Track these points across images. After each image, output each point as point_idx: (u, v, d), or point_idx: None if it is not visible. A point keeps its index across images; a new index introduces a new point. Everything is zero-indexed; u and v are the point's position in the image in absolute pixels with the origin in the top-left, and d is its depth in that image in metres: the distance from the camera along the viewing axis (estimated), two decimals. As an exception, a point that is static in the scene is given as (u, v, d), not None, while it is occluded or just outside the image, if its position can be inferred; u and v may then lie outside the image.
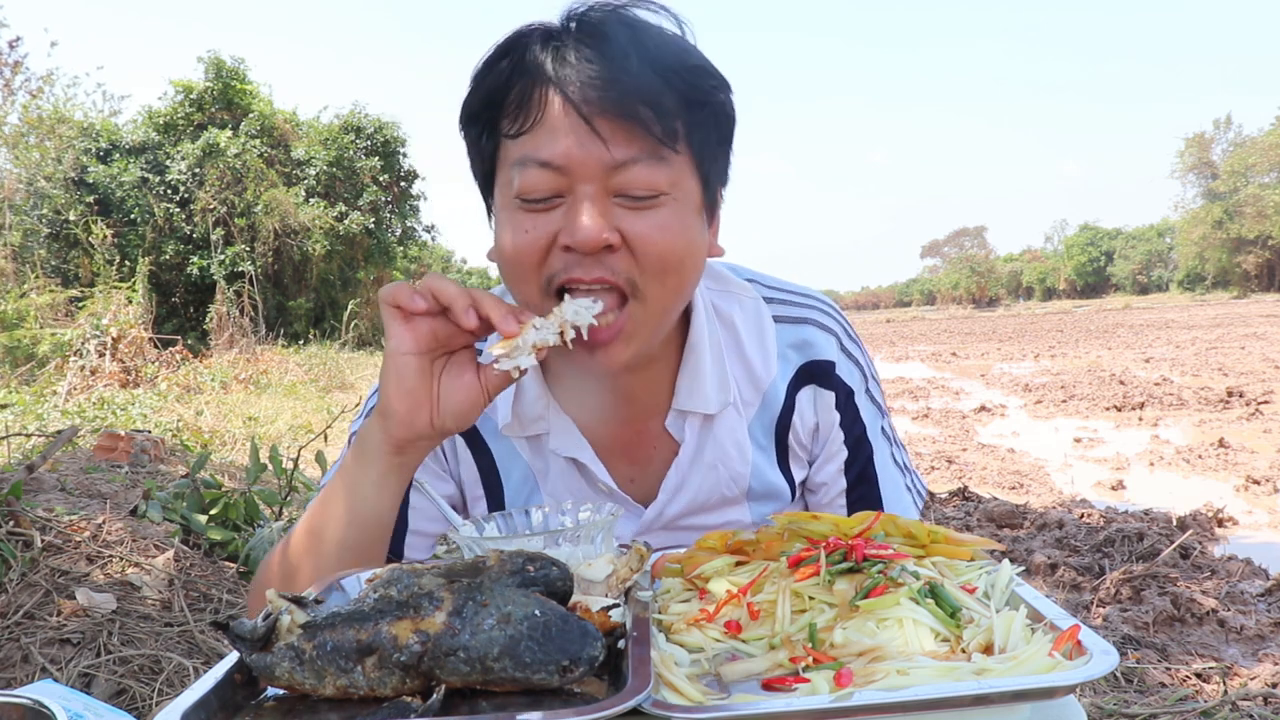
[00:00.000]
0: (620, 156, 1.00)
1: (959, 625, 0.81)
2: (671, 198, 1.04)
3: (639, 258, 1.04)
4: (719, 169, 1.11)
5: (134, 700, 2.14)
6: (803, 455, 1.31)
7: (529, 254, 1.05)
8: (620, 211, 1.03)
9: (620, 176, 1.01)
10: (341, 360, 14.08)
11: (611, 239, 1.02)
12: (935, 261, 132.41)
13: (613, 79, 0.98)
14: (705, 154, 1.07)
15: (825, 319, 1.29)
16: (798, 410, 1.27)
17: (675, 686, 0.73)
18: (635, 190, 1.02)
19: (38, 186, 16.38)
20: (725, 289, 1.28)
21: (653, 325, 1.09)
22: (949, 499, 4.94)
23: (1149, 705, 2.40)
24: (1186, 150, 68.05)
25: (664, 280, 1.06)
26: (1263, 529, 4.36)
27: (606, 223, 1.01)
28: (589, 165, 1.00)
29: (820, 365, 1.26)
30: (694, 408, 1.23)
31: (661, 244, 1.04)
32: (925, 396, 10.56)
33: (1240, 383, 9.49)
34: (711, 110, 1.06)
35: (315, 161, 19.75)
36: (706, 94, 1.05)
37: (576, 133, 1.00)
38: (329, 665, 0.73)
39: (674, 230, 1.05)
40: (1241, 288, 63.26)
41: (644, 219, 1.03)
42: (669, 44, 1.05)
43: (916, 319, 62.08)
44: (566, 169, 1.01)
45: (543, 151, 1.01)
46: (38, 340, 10.19)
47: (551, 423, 1.24)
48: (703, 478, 1.26)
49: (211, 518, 3.16)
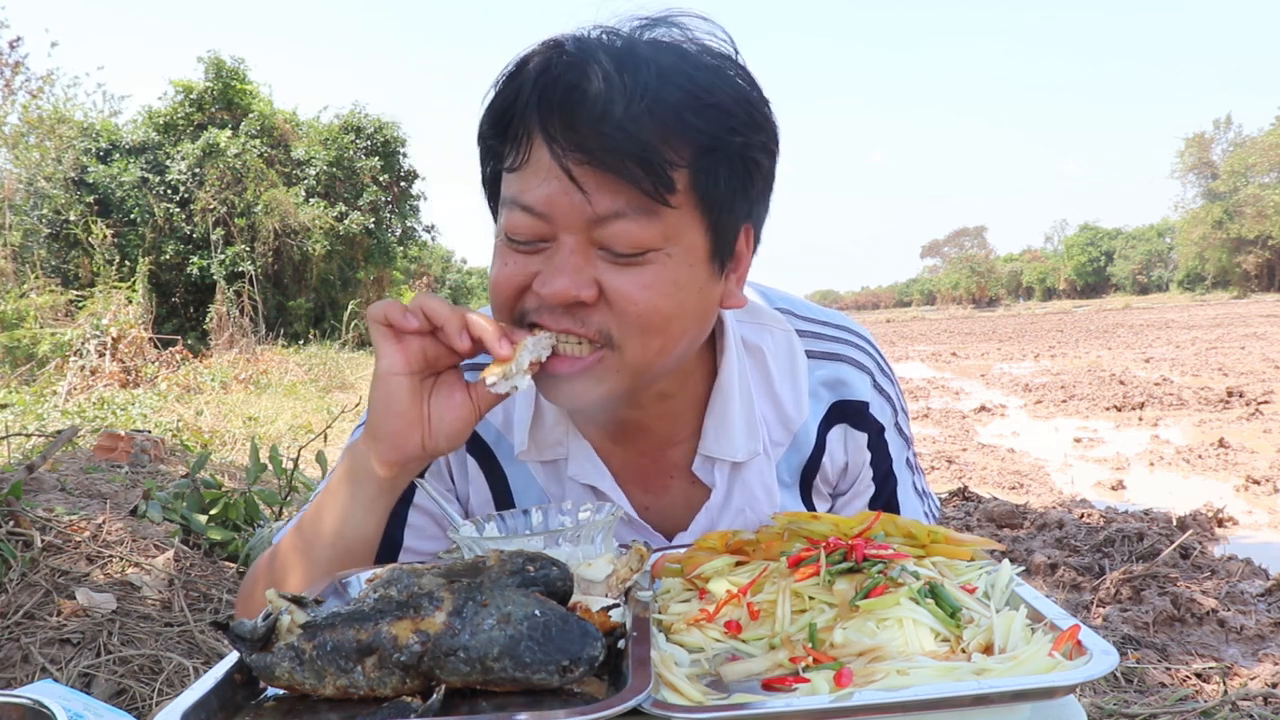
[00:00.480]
0: (603, 210, 0.94)
1: (959, 625, 0.81)
2: (664, 253, 0.97)
3: (617, 314, 0.98)
4: (737, 215, 1.02)
5: (134, 700, 2.14)
6: (825, 490, 1.28)
7: (505, 291, 1.02)
8: (603, 265, 0.97)
9: (604, 230, 0.95)
10: (341, 360, 14.08)
11: (584, 295, 0.96)
12: (935, 261, 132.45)
13: (597, 129, 0.90)
14: (716, 201, 0.98)
15: (859, 355, 1.24)
16: (828, 451, 1.24)
17: (675, 686, 0.73)
18: (618, 247, 0.95)
19: (38, 186, 16.38)
20: (756, 321, 1.23)
21: (629, 377, 1.02)
22: (949, 499, 4.94)
23: (1149, 705, 2.40)
24: (1186, 150, 68.06)
25: (645, 339, 1.00)
26: (1263, 529, 4.37)
27: (582, 279, 0.96)
28: (571, 216, 0.95)
29: (853, 405, 1.22)
30: (722, 455, 1.18)
31: (642, 303, 0.97)
32: (925, 396, 10.56)
33: (1240, 383, 9.49)
34: (729, 154, 0.96)
35: (315, 161, 19.75)
36: (722, 136, 0.95)
37: (559, 180, 0.94)
38: (329, 665, 0.73)
39: (660, 289, 0.97)
40: (1241, 288, 63.26)
41: (627, 276, 0.97)
42: (685, 79, 0.94)
43: (916, 319, 62.09)
44: (549, 217, 0.96)
45: (527, 195, 0.96)
46: (38, 340, 10.19)
47: (570, 448, 1.20)
48: (730, 521, 1.23)
49: (211, 518, 3.17)
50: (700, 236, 0.99)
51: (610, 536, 1.04)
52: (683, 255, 0.98)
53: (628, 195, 0.93)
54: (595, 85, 0.91)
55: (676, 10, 1.00)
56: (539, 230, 0.97)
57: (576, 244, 0.96)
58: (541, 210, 0.96)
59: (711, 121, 0.94)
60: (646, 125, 0.91)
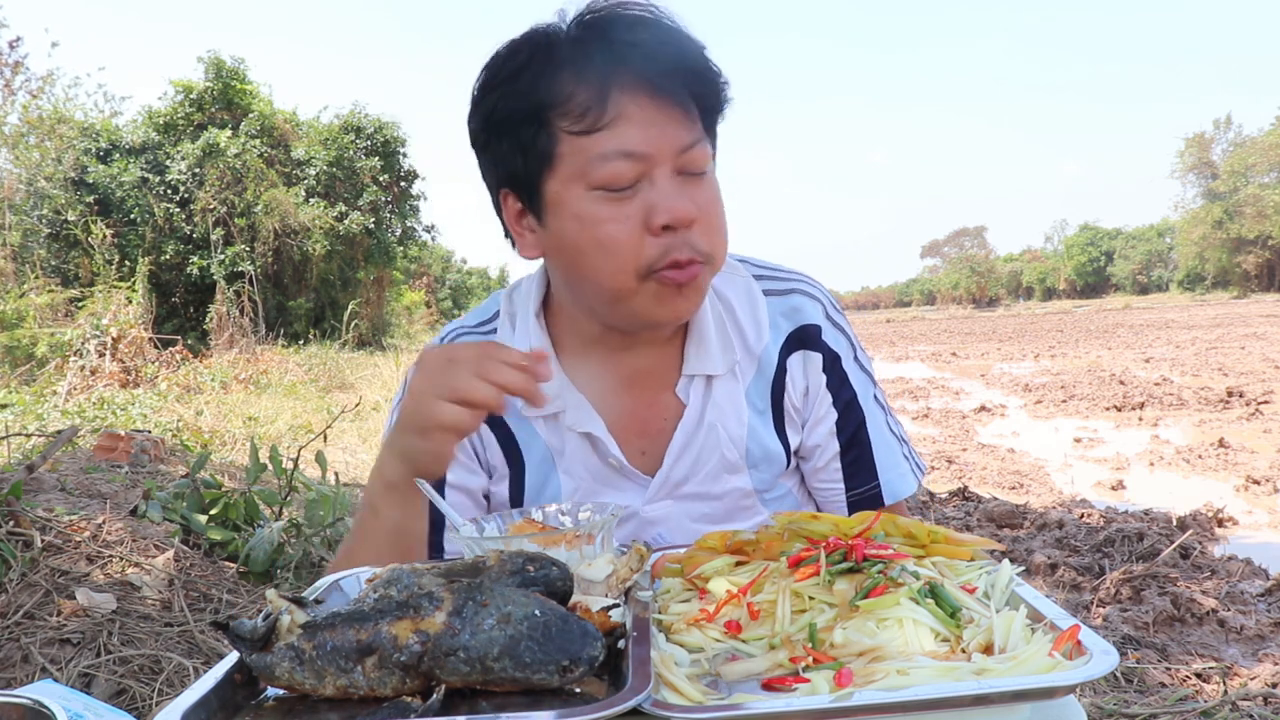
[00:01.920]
0: (688, 139, 1.11)
1: (959, 625, 0.81)
2: (711, 170, 1.16)
3: (706, 231, 1.13)
4: (715, 136, 1.22)
5: (134, 700, 2.14)
6: (797, 419, 1.35)
7: (625, 243, 1.11)
8: (688, 188, 1.12)
9: (685, 156, 1.11)
10: (341, 360, 14.07)
11: (696, 213, 1.11)
12: (935, 261, 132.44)
13: (674, 71, 1.08)
14: (714, 125, 1.18)
15: (811, 289, 1.36)
16: (789, 375, 1.32)
17: (675, 686, 0.73)
18: (695, 167, 1.12)
19: (38, 186, 16.37)
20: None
21: (709, 282, 1.20)
22: (949, 499, 4.94)
23: (1149, 705, 2.40)
24: (1186, 150, 68.03)
25: (720, 244, 1.17)
26: (1263, 529, 4.37)
27: (688, 199, 1.11)
28: (667, 150, 1.10)
29: (807, 330, 1.32)
30: (701, 370, 1.29)
31: (718, 212, 1.16)
32: (925, 396, 10.57)
33: (1240, 383, 9.49)
34: (719, 91, 1.16)
35: (315, 161, 19.74)
36: (716, 76, 1.15)
37: (656, 122, 1.09)
38: (329, 665, 0.73)
39: (719, 200, 1.17)
40: (1241, 288, 63.24)
41: (703, 191, 1.14)
42: (682, 33, 1.12)
43: (916, 319, 62.09)
44: (648, 156, 1.09)
45: (625, 143, 1.08)
46: (37, 340, 10.19)
47: (567, 400, 1.29)
48: (705, 438, 1.30)
49: (211, 518, 3.16)
50: (710, 154, 1.17)
51: (610, 536, 1.04)
52: (713, 170, 1.18)
53: (697, 126, 1.12)
54: (660, 30, 1.09)
55: None
56: (637, 171, 1.10)
57: (669, 171, 1.11)
58: (644, 151, 1.09)
59: (710, 64, 1.14)
60: (706, 65, 1.12)
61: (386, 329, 21.93)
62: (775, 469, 1.34)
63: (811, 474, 1.38)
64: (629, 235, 1.10)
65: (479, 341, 1.34)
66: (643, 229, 1.10)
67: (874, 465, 1.34)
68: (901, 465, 1.37)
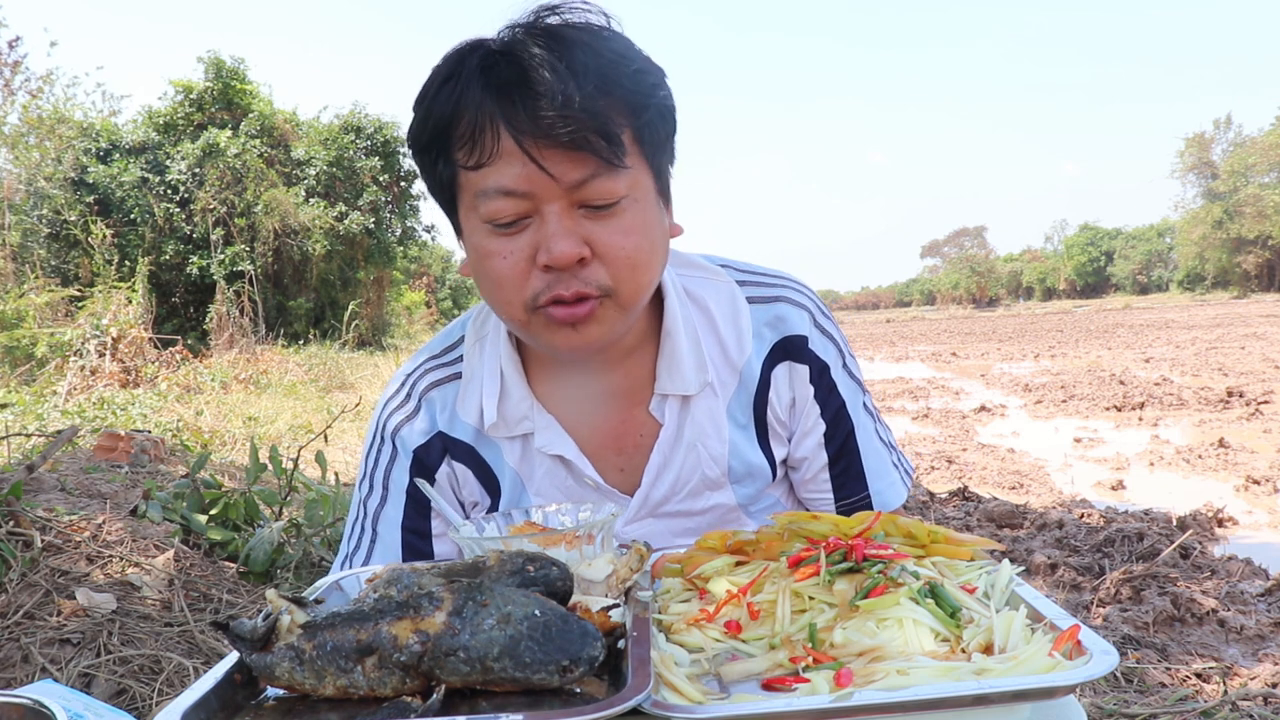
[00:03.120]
0: (580, 175, 1.04)
1: (959, 625, 0.81)
2: (631, 199, 1.08)
3: (609, 265, 1.08)
4: (668, 155, 1.16)
5: (134, 700, 2.14)
6: (782, 433, 1.32)
7: (510, 277, 1.09)
8: (587, 223, 1.07)
9: (580, 192, 1.05)
10: (341, 360, 14.07)
11: (584, 252, 1.06)
12: (935, 261, 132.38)
13: (558, 116, 1.00)
14: (655, 148, 1.12)
15: (798, 296, 1.31)
16: (774, 387, 1.29)
17: (675, 686, 0.73)
18: (596, 200, 1.06)
19: (38, 186, 16.37)
20: (698, 274, 1.31)
21: (623, 315, 1.13)
22: (949, 499, 4.93)
23: (1149, 705, 2.40)
24: (1186, 150, 67.99)
25: (634, 277, 1.11)
26: (1263, 529, 4.36)
27: (576, 237, 1.06)
28: (550, 188, 1.04)
29: (794, 340, 1.28)
30: (674, 390, 1.25)
31: (629, 247, 1.09)
32: (925, 396, 10.56)
33: (1240, 383, 9.49)
34: (656, 108, 1.10)
35: (315, 161, 19.73)
36: (649, 95, 1.08)
37: (544, 159, 1.03)
38: (329, 665, 0.73)
39: (638, 230, 1.10)
40: (1241, 288, 63.21)
41: (609, 226, 1.08)
42: (608, 52, 1.05)
43: (916, 319, 62.07)
44: (529, 194, 1.05)
45: (504, 181, 1.05)
46: (37, 340, 10.19)
47: (536, 421, 1.26)
48: (684, 458, 1.27)
49: (211, 518, 3.16)
50: (648, 179, 1.12)
51: (610, 536, 1.04)
52: (642, 197, 1.11)
53: (593, 162, 1.04)
54: (544, 74, 1.01)
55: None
56: (521, 208, 1.06)
57: (561, 209, 1.06)
58: (523, 190, 1.05)
59: (639, 83, 1.07)
60: (598, 101, 1.02)
61: (386, 329, 21.94)
62: (760, 483, 1.31)
63: (800, 484, 1.36)
64: (513, 270, 1.08)
65: None
66: (530, 263, 1.08)
67: (864, 475, 1.32)
68: (891, 474, 1.34)
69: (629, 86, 1.06)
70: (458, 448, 1.28)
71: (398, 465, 1.29)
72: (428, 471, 1.28)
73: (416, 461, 1.28)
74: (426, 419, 1.29)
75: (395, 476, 1.29)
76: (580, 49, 1.03)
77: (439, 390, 1.29)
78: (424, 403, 1.29)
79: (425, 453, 1.28)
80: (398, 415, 1.30)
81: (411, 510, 1.29)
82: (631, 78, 1.06)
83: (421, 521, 1.29)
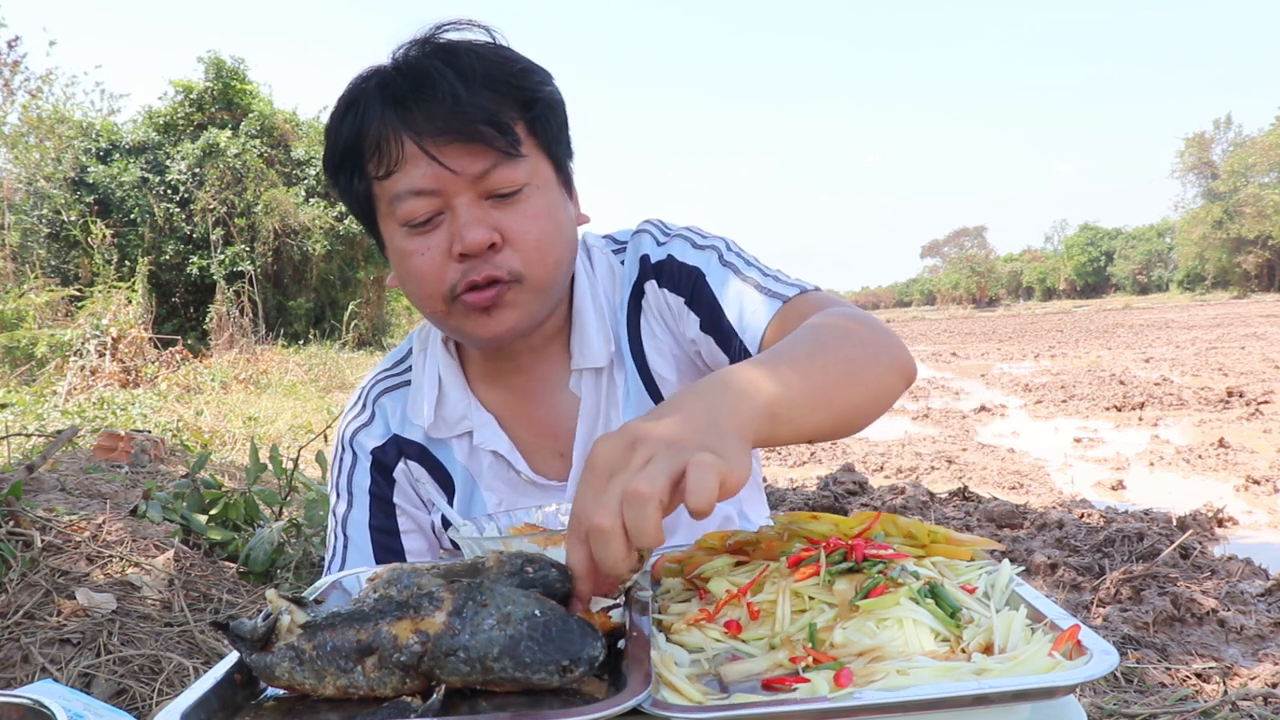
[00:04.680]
0: (481, 166, 1.13)
1: (959, 625, 0.81)
2: (533, 186, 1.17)
3: (519, 249, 1.16)
4: (563, 148, 1.24)
5: (134, 700, 2.14)
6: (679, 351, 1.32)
7: (428, 272, 1.16)
8: (495, 211, 1.15)
9: (485, 182, 1.14)
10: (341, 360, 14.08)
11: (494, 238, 1.14)
12: (935, 261, 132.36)
13: (451, 114, 1.10)
14: (549, 140, 1.20)
15: (643, 227, 1.35)
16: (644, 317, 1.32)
17: (675, 686, 0.73)
18: (501, 189, 1.15)
19: (37, 186, 16.37)
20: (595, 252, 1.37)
21: (538, 299, 1.20)
22: (949, 499, 4.93)
23: (1149, 705, 2.40)
24: (1186, 150, 68.01)
25: (543, 260, 1.18)
26: (1263, 529, 4.36)
27: (487, 225, 1.14)
28: (456, 182, 1.13)
29: (643, 262, 1.31)
30: (586, 364, 1.30)
31: (535, 231, 1.17)
32: (925, 396, 10.56)
33: (1240, 383, 9.49)
34: (544, 103, 1.18)
35: (315, 161, 19.72)
36: (536, 91, 1.17)
37: (436, 163, 1.12)
38: (329, 665, 0.73)
39: (543, 214, 1.18)
40: (1241, 288, 63.21)
41: (516, 212, 1.16)
42: (494, 55, 1.16)
43: (916, 319, 62.06)
44: (438, 191, 1.13)
45: (412, 183, 1.13)
46: (37, 340, 10.19)
47: (474, 420, 1.32)
48: (605, 426, 1.30)
49: (211, 518, 3.16)
50: (548, 168, 1.21)
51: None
52: (544, 185, 1.19)
53: (491, 154, 1.13)
54: (436, 80, 1.11)
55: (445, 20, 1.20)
56: (433, 205, 1.14)
57: (469, 200, 1.14)
58: (431, 188, 1.13)
59: (525, 80, 1.17)
60: (488, 97, 1.12)
61: (386, 329, 21.94)
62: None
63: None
64: (432, 264, 1.16)
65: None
66: (446, 256, 1.15)
67: (724, 316, 1.24)
68: (753, 296, 1.22)
69: (515, 83, 1.15)
70: (411, 448, 1.35)
71: (359, 469, 1.36)
72: (386, 470, 1.35)
73: (376, 463, 1.35)
74: (381, 424, 1.37)
75: (357, 480, 1.36)
76: (467, 55, 1.14)
77: (389, 397, 1.38)
78: (377, 409, 1.37)
79: (382, 454, 1.35)
80: (355, 423, 1.38)
81: (376, 510, 1.35)
82: (517, 75, 1.16)
83: (387, 520, 1.35)
